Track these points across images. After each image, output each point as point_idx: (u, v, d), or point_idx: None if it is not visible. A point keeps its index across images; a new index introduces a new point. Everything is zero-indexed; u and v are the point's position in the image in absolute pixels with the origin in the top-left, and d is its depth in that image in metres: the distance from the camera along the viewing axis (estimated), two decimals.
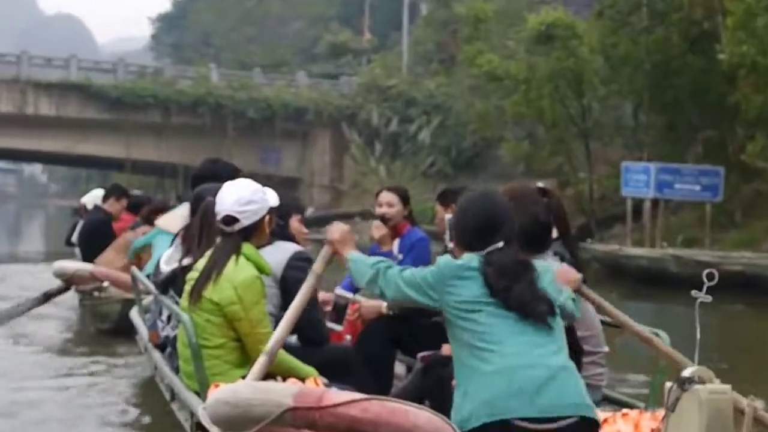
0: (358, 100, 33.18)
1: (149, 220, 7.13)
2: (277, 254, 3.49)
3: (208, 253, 3.33)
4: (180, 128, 31.14)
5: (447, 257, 2.65)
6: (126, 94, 30.14)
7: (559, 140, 22.03)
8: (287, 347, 3.36)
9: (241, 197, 3.24)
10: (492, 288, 2.50)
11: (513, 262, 2.54)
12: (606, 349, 3.38)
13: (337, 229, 3.06)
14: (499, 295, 2.49)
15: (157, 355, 4.16)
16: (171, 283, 3.86)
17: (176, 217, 5.06)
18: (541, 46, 20.48)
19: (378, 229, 4.70)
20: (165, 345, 4.08)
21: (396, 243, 4.75)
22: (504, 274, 2.50)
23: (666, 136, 19.99)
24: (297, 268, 3.48)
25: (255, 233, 3.30)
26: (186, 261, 3.67)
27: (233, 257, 3.24)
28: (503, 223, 2.60)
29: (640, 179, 17.13)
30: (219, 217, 3.25)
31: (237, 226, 3.24)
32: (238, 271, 3.20)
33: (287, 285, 3.44)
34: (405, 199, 4.77)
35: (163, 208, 7.25)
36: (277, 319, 3.16)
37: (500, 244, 2.56)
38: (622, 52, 19.17)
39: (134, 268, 5.37)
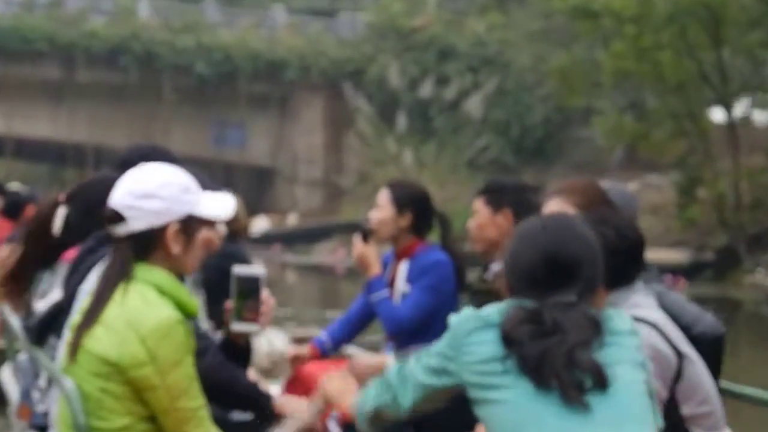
0: (366, 50, 33.30)
1: None
2: None
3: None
4: (90, 90, 31.30)
5: (466, 311, 2.74)
6: (5, 37, 30.30)
7: (686, 112, 22.03)
8: (231, 425, 3.39)
9: (138, 187, 3.23)
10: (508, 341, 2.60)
11: (582, 322, 2.62)
12: None
13: (333, 386, 3.36)
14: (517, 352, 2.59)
15: None
16: (52, 328, 3.90)
17: None
18: None
19: (356, 247, 4.79)
20: (45, 424, 4.13)
21: (402, 269, 4.83)
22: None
23: None
24: None
25: (153, 249, 3.32)
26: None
27: (123, 284, 3.20)
28: (580, 265, 2.69)
29: None
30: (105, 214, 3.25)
31: (122, 230, 3.27)
32: (148, 311, 3.19)
33: None
34: (405, 201, 4.83)
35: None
36: None
37: (572, 298, 2.65)
38: None
39: (4, 306, 5.43)
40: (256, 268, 3.93)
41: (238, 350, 3.94)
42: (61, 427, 3.40)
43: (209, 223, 3.55)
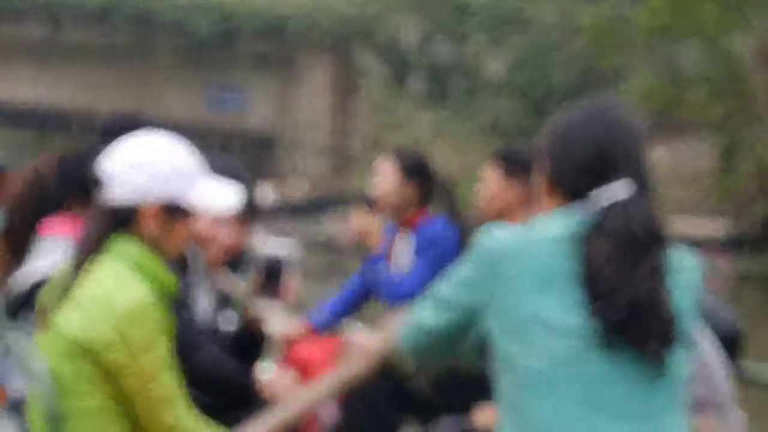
0: (376, 7, 33.27)
1: None
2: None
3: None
4: (77, 51, 31.29)
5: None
6: None
7: (729, 74, 21.95)
8: (208, 407, 3.46)
9: (125, 157, 3.27)
10: (588, 274, 2.43)
11: (647, 218, 2.50)
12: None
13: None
14: (597, 291, 2.42)
15: (10, 425, 4.26)
16: (28, 304, 3.95)
17: None
18: None
19: (357, 218, 4.82)
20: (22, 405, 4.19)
21: (405, 241, 4.87)
22: (626, 246, 2.46)
23: None
24: None
25: (131, 225, 3.35)
26: (51, 265, 3.74)
27: (97, 257, 3.25)
28: (630, 152, 2.60)
29: None
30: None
31: (102, 198, 3.28)
32: (120, 291, 3.21)
33: None
34: (412, 169, 4.87)
35: None
36: None
37: (628, 185, 2.54)
38: None
39: None
40: (281, 249, 4.06)
41: (253, 336, 4.02)
42: (33, 413, 3.46)
43: (216, 219, 3.53)
